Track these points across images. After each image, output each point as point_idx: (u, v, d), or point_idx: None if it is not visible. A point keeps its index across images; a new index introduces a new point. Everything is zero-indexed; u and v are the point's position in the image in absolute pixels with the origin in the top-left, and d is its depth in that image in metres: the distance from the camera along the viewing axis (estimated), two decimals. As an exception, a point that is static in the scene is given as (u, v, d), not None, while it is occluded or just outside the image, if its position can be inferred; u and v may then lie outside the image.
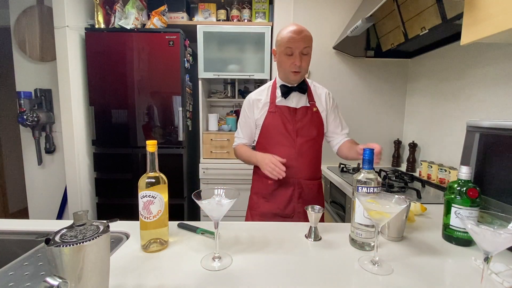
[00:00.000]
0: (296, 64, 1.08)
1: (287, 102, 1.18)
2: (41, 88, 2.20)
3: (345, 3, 2.07)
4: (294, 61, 1.08)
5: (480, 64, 1.44)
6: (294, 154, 1.14)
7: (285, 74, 1.14)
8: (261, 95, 1.22)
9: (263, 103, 1.20)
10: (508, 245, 0.51)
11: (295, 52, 1.07)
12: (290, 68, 1.10)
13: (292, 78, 1.12)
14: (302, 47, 1.07)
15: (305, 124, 1.16)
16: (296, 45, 1.07)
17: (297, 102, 1.18)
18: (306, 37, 1.08)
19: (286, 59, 1.10)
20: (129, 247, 0.76)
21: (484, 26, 0.88)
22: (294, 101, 1.18)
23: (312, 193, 1.19)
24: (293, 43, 1.07)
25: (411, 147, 1.94)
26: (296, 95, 1.18)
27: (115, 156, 2.04)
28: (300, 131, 1.15)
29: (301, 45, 1.07)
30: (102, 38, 1.95)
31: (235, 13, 2.21)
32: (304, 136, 1.15)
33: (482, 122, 0.87)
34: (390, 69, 2.13)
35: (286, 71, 1.12)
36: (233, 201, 0.66)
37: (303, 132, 1.15)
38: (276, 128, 1.16)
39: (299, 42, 1.06)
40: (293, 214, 1.17)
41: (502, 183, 0.80)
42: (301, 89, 1.17)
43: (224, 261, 0.68)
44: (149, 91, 2.00)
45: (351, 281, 0.62)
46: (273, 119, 1.16)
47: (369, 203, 0.66)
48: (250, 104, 1.22)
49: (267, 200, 1.20)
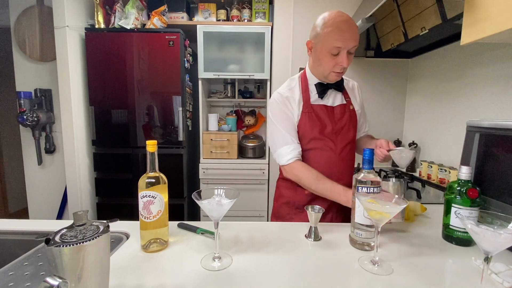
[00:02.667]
0: (343, 65, 0.92)
1: (322, 100, 1.04)
2: (41, 88, 2.20)
3: (345, 3, 2.07)
4: (340, 61, 0.92)
5: (480, 64, 1.44)
6: (335, 159, 1.02)
7: (324, 73, 0.98)
8: (293, 93, 1.04)
9: (297, 101, 1.02)
10: (508, 245, 0.51)
11: (342, 52, 0.91)
12: (333, 69, 0.95)
13: (333, 78, 0.98)
14: (352, 46, 0.90)
15: (344, 125, 1.03)
16: (346, 44, 0.89)
17: (334, 100, 1.05)
18: (356, 34, 0.91)
19: (329, 58, 0.93)
20: (129, 247, 0.76)
21: (484, 26, 0.88)
22: (330, 99, 1.05)
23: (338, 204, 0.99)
24: (343, 42, 0.89)
25: (411, 147, 1.94)
26: (332, 92, 1.05)
27: (115, 156, 2.04)
28: (339, 132, 1.02)
29: (351, 44, 0.90)
30: (102, 38, 1.95)
31: (235, 13, 2.21)
32: (344, 138, 1.03)
33: (482, 122, 0.87)
34: (390, 69, 2.13)
35: (326, 71, 0.97)
36: (233, 201, 0.66)
37: (343, 134, 1.03)
38: (313, 131, 1.01)
39: (349, 41, 0.89)
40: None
41: (502, 183, 0.80)
42: (338, 86, 1.04)
43: (224, 261, 0.68)
44: (149, 91, 2.00)
45: (351, 281, 0.62)
46: (309, 121, 1.01)
47: (369, 203, 0.66)
48: (287, 101, 1.02)
49: (301, 211, 1.05)
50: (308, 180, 0.96)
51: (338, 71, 0.95)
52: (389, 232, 0.87)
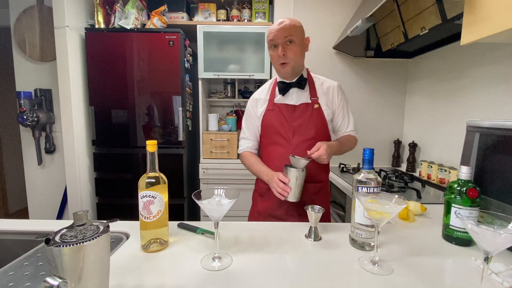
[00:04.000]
0: (280, 55, 1.04)
1: (285, 99, 1.13)
2: (41, 88, 2.20)
3: (345, 3, 2.07)
4: (279, 52, 1.04)
5: (480, 64, 1.44)
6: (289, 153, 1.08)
7: (276, 69, 1.11)
8: (262, 94, 1.19)
9: (263, 101, 1.17)
10: (508, 245, 0.51)
11: (278, 44, 1.04)
12: (277, 61, 1.07)
13: (282, 71, 1.08)
14: (283, 37, 1.03)
15: (303, 122, 1.10)
16: (277, 36, 1.04)
17: (297, 99, 1.12)
18: (286, 26, 1.03)
19: (272, 52, 1.07)
20: (129, 247, 0.76)
21: (484, 26, 0.88)
22: (294, 97, 1.12)
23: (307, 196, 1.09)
24: (274, 35, 1.04)
25: (411, 147, 1.94)
26: (296, 91, 1.12)
27: (115, 156, 2.04)
28: (297, 129, 1.10)
29: (282, 35, 1.03)
30: (102, 38, 1.95)
31: (235, 13, 2.21)
32: (301, 135, 1.10)
33: (482, 122, 0.87)
34: (390, 69, 2.13)
35: (276, 66, 1.09)
36: (233, 201, 0.66)
37: (300, 131, 1.10)
38: (273, 126, 1.12)
39: (279, 32, 1.03)
40: (285, 216, 1.12)
41: (502, 183, 0.80)
42: (299, 84, 1.11)
43: (224, 261, 0.68)
44: (149, 91, 2.00)
45: (351, 281, 0.62)
46: (271, 118, 1.13)
47: (369, 203, 0.66)
48: (253, 103, 1.20)
49: (263, 198, 1.18)
50: (247, 165, 1.21)
51: (281, 62, 1.06)
52: (389, 232, 0.87)
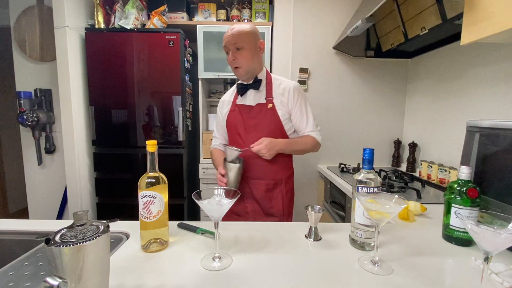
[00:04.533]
0: (230, 60, 1.12)
1: (244, 100, 1.21)
2: (41, 88, 2.20)
3: (345, 3, 2.07)
4: (228, 58, 1.13)
5: (480, 64, 1.44)
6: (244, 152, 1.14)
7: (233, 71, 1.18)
8: (228, 96, 1.29)
9: (227, 102, 1.26)
10: (508, 245, 0.51)
11: (230, 49, 1.12)
12: (231, 65, 1.15)
13: (236, 74, 1.17)
14: (233, 43, 1.10)
15: (258, 122, 1.16)
16: (228, 42, 1.12)
17: (254, 100, 1.19)
18: (234, 34, 1.10)
19: (227, 57, 1.15)
20: (129, 247, 0.76)
21: (484, 26, 0.88)
22: (251, 98, 1.20)
23: (259, 193, 1.18)
24: (225, 41, 1.13)
25: (411, 147, 1.94)
26: (252, 93, 1.20)
27: (115, 156, 2.04)
28: (252, 129, 1.16)
29: (231, 41, 1.10)
30: (102, 38, 1.95)
31: (235, 13, 2.21)
32: (256, 134, 1.14)
33: (482, 122, 0.87)
34: (390, 69, 2.13)
35: (231, 69, 1.17)
36: (233, 201, 0.66)
37: (255, 130, 1.16)
38: (233, 126, 1.21)
39: (228, 39, 1.11)
40: (245, 212, 1.20)
41: (502, 183, 0.80)
42: (254, 85, 1.18)
43: (224, 261, 0.68)
44: (149, 91, 2.00)
45: (351, 281, 0.62)
46: (232, 118, 1.22)
47: (369, 203, 0.66)
48: (220, 105, 1.30)
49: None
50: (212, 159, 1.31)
51: (233, 66, 1.14)
52: (389, 232, 0.87)
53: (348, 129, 2.20)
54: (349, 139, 2.21)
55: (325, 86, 2.16)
